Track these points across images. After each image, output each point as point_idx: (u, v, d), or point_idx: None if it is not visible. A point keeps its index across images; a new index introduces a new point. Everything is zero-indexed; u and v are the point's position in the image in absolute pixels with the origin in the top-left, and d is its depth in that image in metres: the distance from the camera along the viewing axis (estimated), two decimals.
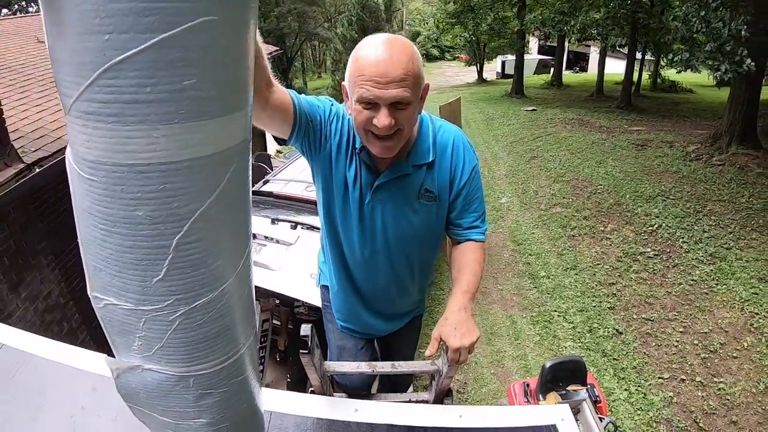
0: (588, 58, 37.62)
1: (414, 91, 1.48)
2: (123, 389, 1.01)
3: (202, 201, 0.80)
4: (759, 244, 7.53)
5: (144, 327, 0.88)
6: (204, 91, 0.73)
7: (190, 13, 0.67)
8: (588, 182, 10.45)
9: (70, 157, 0.79)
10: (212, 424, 1.06)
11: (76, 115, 0.71)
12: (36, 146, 4.17)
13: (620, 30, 17.84)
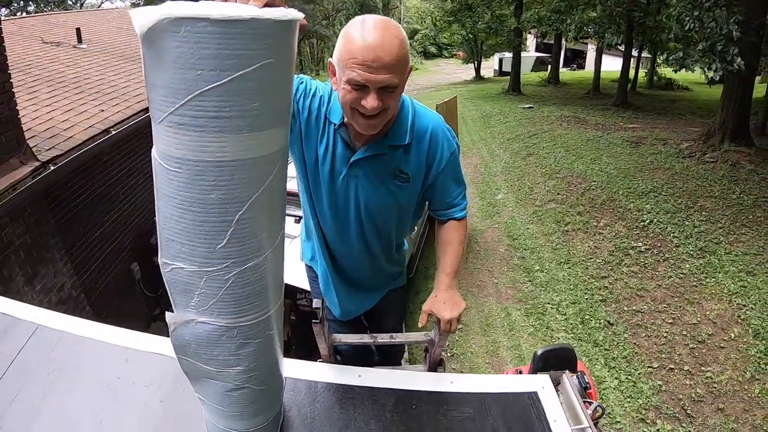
0: (585, 56, 37.77)
1: (401, 75, 1.54)
2: (177, 341, 1.25)
3: (257, 188, 1.08)
4: (748, 239, 7.71)
5: (204, 285, 1.13)
6: (262, 111, 1.00)
7: (256, 58, 0.94)
8: (582, 179, 10.62)
9: (156, 155, 1.04)
10: (247, 371, 1.29)
11: (167, 124, 0.97)
12: (49, 145, 4.37)
13: (616, 28, 17.93)
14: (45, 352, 1.82)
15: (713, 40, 9.32)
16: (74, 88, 6.08)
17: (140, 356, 1.79)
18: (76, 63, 7.28)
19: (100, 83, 6.64)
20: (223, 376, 1.28)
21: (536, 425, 1.76)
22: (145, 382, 1.70)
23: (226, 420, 1.41)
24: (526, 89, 24.23)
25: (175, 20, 0.87)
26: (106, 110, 5.59)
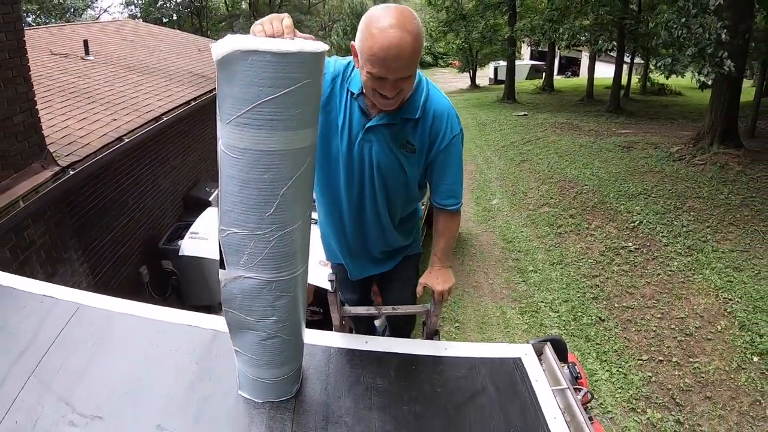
0: (580, 63, 38.04)
1: (415, 66, 1.72)
2: (226, 295, 1.55)
3: (297, 171, 1.42)
4: (735, 237, 7.99)
5: (252, 246, 1.46)
6: (301, 115, 1.37)
7: (299, 79, 1.31)
8: (575, 183, 10.91)
9: (222, 146, 1.38)
10: (279, 321, 1.60)
11: (234, 124, 1.33)
12: (67, 151, 4.65)
13: (608, 35, 18.33)
14: (87, 327, 2.08)
15: (703, 44, 9.59)
16: (86, 98, 6.35)
17: (174, 329, 2.06)
18: (86, 74, 7.55)
19: (110, 93, 6.91)
20: (260, 326, 1.59)
21: (520, 384, 2.01)
22: (179, 348, 1.97)
23: (257, 369, 1.69)
24: (521, 97, 24.56)
25: (245, 52, 1.25)
26: (118, 119, 5.87)
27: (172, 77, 8.89)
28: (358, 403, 1.84)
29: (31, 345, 1.99)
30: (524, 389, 1.99)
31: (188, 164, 8.62)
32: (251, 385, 1.75)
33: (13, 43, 4.11)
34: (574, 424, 1.87)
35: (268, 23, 1.39)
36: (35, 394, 1.78)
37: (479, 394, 1.94)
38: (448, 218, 2.19)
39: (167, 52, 11.46)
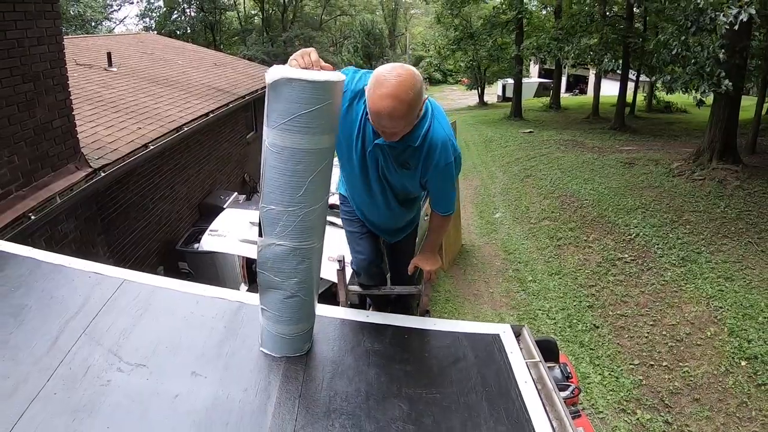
0: (587, 81, 38.19)
1: (408, 124, 2.08)
2: (261, 258, 2.01)
3: (321, 164, 1.91)
4: (729, 248, 8.31)
5: (285, 219, 1.93)
6: (325, 124, 1.86)
7: (325, 99, 1.80)
8: (575, 198, 11.23)
9: (268, 144, 1.87)
10: (300, 282, 2.02)
11: (279, 129, 1.82)
12: (97, 155, 5.06)
13: (613, 54, 18.58)
14: (132, 297, 2.46)
15: (701, 63, 9.88)
16: (112, 107, 6.77)
17: (207, 300, 2.46)
18: (110, 84, 7.98)
19: (134, 104, 7.33)
20: (284, 286, 2.02)
21: (496, 354, 2.36)
22: (212, 315, 2.36)
23: (279, 325, 2.08)
24: (528, 114, 24.85)
25: (290, 79, 1.77)
26: (143, 128, 6.29)
27: (190, 90, 9.31)
28: (358, 361, 2.21)
29: (81, 310, 2.38)
30: (500, 358, 2.34)
31: (204, 173, 9.04)
32: (272, 341, 2.13)
33: (54, 54, 4.51)
34: (545, 392, 2.21)
35: (300, 57, 1.88)
36: (87, 347, 2.14)
37: (461, 360, 2.29)
38: (440, 219, 2.55)
39: (185, 65, 11.92)
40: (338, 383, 2.09)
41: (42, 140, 4.36)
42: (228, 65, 13.74)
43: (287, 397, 1.97)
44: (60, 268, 2.75)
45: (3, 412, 1.81)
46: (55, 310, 2.40)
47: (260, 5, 38.89)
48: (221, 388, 1.97)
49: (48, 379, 1.96)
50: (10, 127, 4.00)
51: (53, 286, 2.62)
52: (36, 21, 4.24)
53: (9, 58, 3.98)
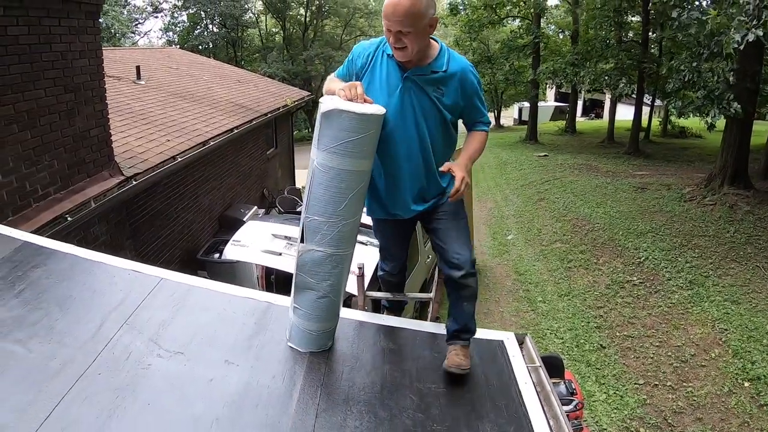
0: (603, 105, 38.21)
1: (412, 24, 2.18)
2: (300, 262, 2.28)
3: (360, 184, 2.20)
4: (736, 272, 8.44)
5: (325, 229, 2.19)
6: (366, 150, 2.19)
7: (368, 129, 2.14)
8: (587, 221, 11.38)
9: (316, 164, 2.14)
10: (332, 285, 2.28)
11: (328, 151, 2.12)
12: (129, 164, 5.36)
13: (628, 79, 18.78)
14: (168, 294, 2.71)
15: (710, 87, 10.02)
16: (141, 119, 7.08)
17: (239, 299, 2.73)
18: (139, 97, 8.30)
19: (162, 116, 7.65)
20: (318, 287, 2.27)
21: (499, 357, 2.58)
22: (243, 312, 2.63)
23: (308, 322, 2.34)
24: (543, 138, 24.95)
25: (341, 111, 2.06)
26: (171, 140, 6.60)
27: (215, 106, 9.65)
28: (374, 358, 2.46)
29: (122, 303, 2.63)
30: (503, 361, 2.56)
31: (225, 186, 9.35)
32: (299, 336, 2.39)
33: (94, 68, 4.82)
34: (543, 394, 2.41)
35: (348, 90, 2.18)
36: (128, 336, 2.39)
37: None
38: (478, 135, 2.60)
39: (210, 81, 12.29)
40: (356, 376, 2.32)
41: (80, 147, 4.64)
42: (250, 82, 14.12)
43: (310, 385, 2.20)
44: (100, 264, 3.03)
45: (52, 387, 2.04)
46: (97, 302, 2.67)
47: (281, 24, 39.46)
48: (251, 375, 2.21)
49: (93, 362, 2.20)
50: (52, 133, 4.26)
51: (94, 280, 2.92)
52: (79, 36, 4.51)
53: (53, 69, 4.25)
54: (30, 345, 2.29)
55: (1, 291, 2.67)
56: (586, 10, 21.61)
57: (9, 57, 3.76)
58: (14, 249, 3.13)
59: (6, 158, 3.77)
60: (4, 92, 3.72)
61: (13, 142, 3.83)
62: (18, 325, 2.42)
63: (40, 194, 4.16)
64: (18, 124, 3.88)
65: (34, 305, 2.58)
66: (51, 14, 4.13)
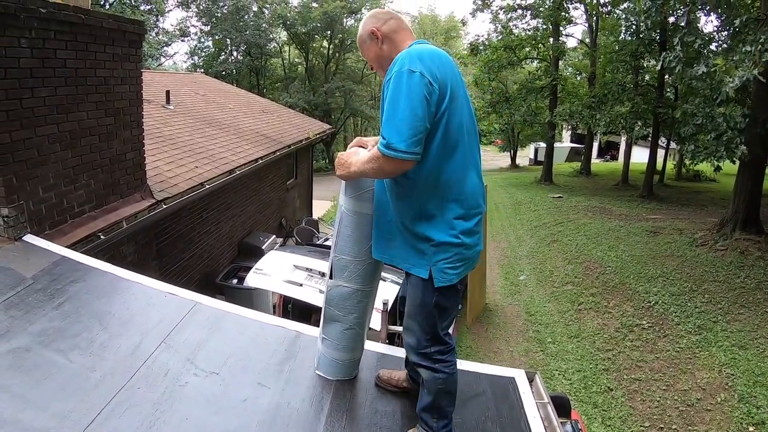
0: (619, 147, 38.34)
1: (363, 51, 2.30)
2: (329, 296, 2.43)
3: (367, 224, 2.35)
4: (745, 317, 8.51)
5: (352, 267, 2.38)
6: None
7: None
8: (598, 264, 11.46)
9: (345, 210, 2.34)
10: (358, 318, 2.45)
11: (353, 197, 2.31)
12: (159, 188, 5.58)
13: (644, 122, 18.99)
14: (203, 318, 2.93)
15: (721, 131, 10.15)
16: (171, 144, 7.35)
17: (270, 327, 2.97)
18: (168, 122, 8.57)
19: (191, 142, 7.92)
20: (344, 320, 2.45)
21: (511, 393, 2.74)
22: (274, 339, 2.86)
23: (336, 351, 2.53)
24: (558, 179, 25.11)
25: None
26: (200, 167, 6.86)
27: (241, 135, 9.95)
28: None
29: (160, 323, 2.86)
30: (514, 396, 2.73)
31: (246, 214, 9.60)
32: (327, 365, 2.58)
33: (134, 94, 5.03)
34: (551, 429, 2.56)
35: (370, 144, 2.28)
36: (166, 354, 2.59)
37: (481, 394, 2.70)
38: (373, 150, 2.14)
39: (235, 110, 12.64)
40: (378, 403, 2.52)
41: (116, 169, 4.83)
42: (274, 113, 14.48)
43: (337, 410, 2.40)
44: (137, 284, 3.28)
45: (93, 397, 2.25)
46: (136, 321, 2.89)
47: (305, 55, 40.26)
48: (282, 398, 2.41)
49: (132, 376, 2.42)
50: (91, 154, 4.46)
51: (132, 300, 3.15)
52: (122, 63, 4.72)
53: (96, 93, 4.44)
54: (71, 356, 2.50)
55: (42, 302, 2.89)
56: (603, 53, 21.97)
57: (57, 79, 3.94)
58: (53, 262, 3.38)
59: (47, 175, 3.94)
60: (50, 112, 3.90)
61: (55, 159, 4.00)
62: (59, 336, 2.63)
63: (76, 211, 4.33)
64: (61, 144, 4.05)
65: (74, 318, 2.80)
66: (98, 41, 4.33)
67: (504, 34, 24.25)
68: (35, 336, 2.59)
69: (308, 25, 36.33)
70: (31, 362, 2.40)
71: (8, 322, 2.65)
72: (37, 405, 2.15)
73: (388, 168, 2.00)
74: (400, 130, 1.92)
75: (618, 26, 21.17)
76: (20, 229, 3.67)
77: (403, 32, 2.24)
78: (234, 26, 34.39)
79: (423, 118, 1.93)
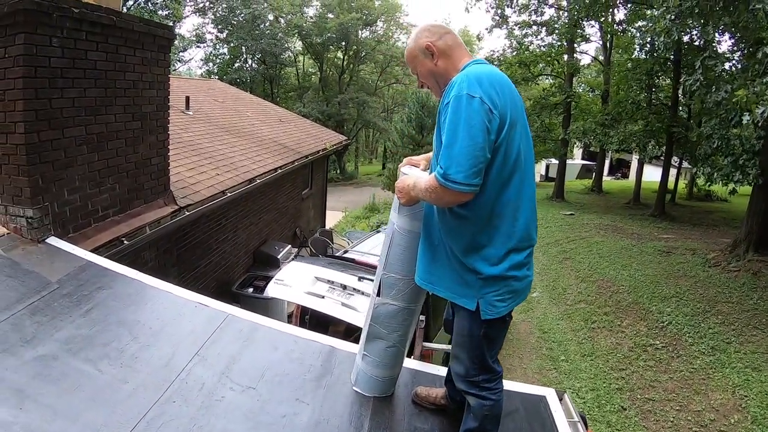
0: (630, 165, 38.30)
1: (414, 66, 2.23)
2: (375, 313, 2.44)
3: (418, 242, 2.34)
4: (758, 339, 8.45)
5: (401, 285, 2.39)
6: None
7: None
8: (612, 283, 11.39)
9: (397, 227, 2.36)
10: (401, 336, 2.46)
11: (407, 216, 2.32)
12: (181, 194, 5.59)
13: (656, 142, 18.95)
14: (236, 330, 2.95)
15: (737, 154, 10.12)
16: (191, 151, 7.34)
17: (304, 341, 2.98)
18: (188, 128, 8.55)
19: (211, 149, 7.95)
20: (389, 337, 2.46)
21: (543, 411, 2.76)
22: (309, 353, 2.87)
23: (376, 369, 2.54)
24: (570, 196, 24.87)
25: None
26: (221, 174, 6.89)
27: (261, 144, 10.01)
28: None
29: (192, 335, 2.86)
30: (546, 414, 2.75)
31: (262, 223, 9.64)
32: (366, 382, 2.60)
33: (161, 99, 5.00)
34: None
35: (424, 162, 2.32)
36: (200, 367, 2.59)
37: (513, 412, 2.70)
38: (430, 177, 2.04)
39: (253, 118, 12.71)
40: (417, 421, 2.53)
41: (141, 174, 4.81)
42: (291, 122, 14.57)
43: (377, 427, 2.41)
44: (167, 294, 3.26)
45: (127, 409, 2.23)
46: (167, 332, 2.87)
47: (319, 65, 40.52)
48: (321, 414, 2.41)
49: (166, 389, 2.40)
50: (117, 158, 4.42)
51: (162, 309, 3.12)
52: (151, 67, 4.70)
53: (125, 96, 4.40)
54: (101, 366, 2.46)
55: (68, 308, 2.84)
56: (618, 71, 21.95)
57: (87, 80, 3.90)
58: (79, 267, 3.34)
59: (74, 177, 3.90)
60: (78, 114, 3.87)
61: (81, 162, 3.96)
62: (88, 344, 2.59)
63: (100, 215, 4.28)
64: (88, 146, 4.01)
65: (103, 326, 2.76)
66: (128, 44, 4.31)
67: (519, 50, 24.26)
68: (62, 343, 2.55)
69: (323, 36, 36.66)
70: (59, 371, 2.36)
71: (34, 327, 2.61)
72: (67, 416, 2.11)
73: (447, 198, 1.94)
74: (459, 160, 1.85)
75: (632, 44, 21.14)
76: (44, 231, 3.65)
77: (459, 49, 2.16)
78: (250, 34, 34.66)
79: (483, 148, 1.86)
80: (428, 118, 22.50)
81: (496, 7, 23.59)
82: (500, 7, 23.49)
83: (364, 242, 7.99)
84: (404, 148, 22.36)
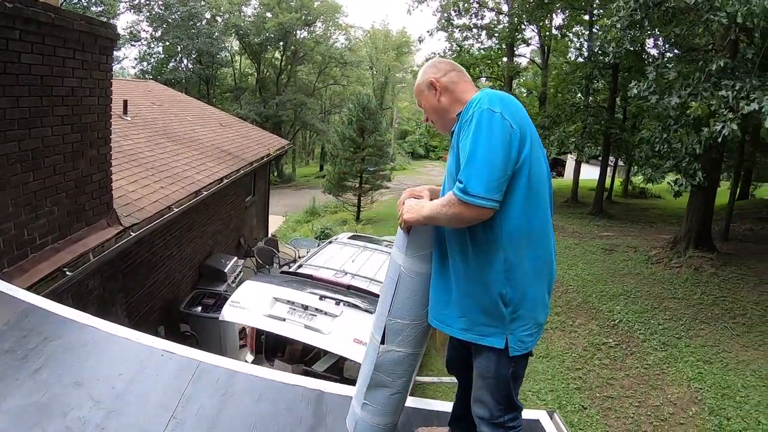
0: (564, 164, 39.37)
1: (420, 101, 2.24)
2: (379, 361, 2.28)
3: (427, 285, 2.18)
4: (706, 333, 8.78)
5: (407, 330, 2.22)
6: None
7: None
8: (560, 283, 11.51)
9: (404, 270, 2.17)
10: (405, 382, 2.30)
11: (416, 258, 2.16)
12: (125, 212, 5.11)
13: (594, 143, 19.43)
14: (212, 381, 2.65)
15: (679, 158, 10.43)
16: (132, 161, 6.79)
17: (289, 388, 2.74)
18: (127, 134, 7.95)
19: (153, 159, 7.42)
20: (393, 384, 2.29)
21: None
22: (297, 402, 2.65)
23: (378, 417, 2.36)
24: None
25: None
26: (165, 187, 6.44)
27: (203, 151, 9.54)
28: None
29: (164, 393, 2.49)
30: None
31: (207, 234, 9.18)
32: (367, 430, 2.41)
33: (102, 107, 4.49)
34: None
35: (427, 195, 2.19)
36: None
37: None
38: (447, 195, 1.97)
39: (193, 122, 12.15)
40: None
41: (81, 193, 4.31)
42: (232, 127, 14.02)
43: None
44: (126, 341, 2.82)
45: None
46: (134, 391, 2.45)
47: (256, 65, 39.85)
48: None
49: None
50: (55, 176, 3.93)
51: (123, 361, 2.68)
52: (91, 71, 4.19)
53: (63, 105, 3.90)
54: None
55: (14, 368, 2.37)
56: (556, 74, 22.40)
57: (19, 88, 3.42)
58: (19, 312, 2.82)
59: (6, 202, 3.40)
60: (11, 127, 3.37)
61: (15, 183, 3.47)
62: (43, 415, 2.15)
63: (37, 243, 3.78)
64: (22, 165, 3.53)
65: (58, 390, 2.32)
66: (67, 45, 3.82)
67: (460, 53, 24.48)
68: (12, 417, 2.10)
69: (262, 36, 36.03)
70: None
71: None
72: None
73: (466, 214, 1.84)
74: (480, 173, 1.80)
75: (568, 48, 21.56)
76: None
77: (464, 84, 2.15)
78: (186, 33, 33.76)
79: (504, 161, 1.81)
80: (369, 120, 22.30)
81: (443, 10, 23.81)
82: (446, 10, 23.70)
83: (317, 256, 7.69)
84: (345, 151, 22.07)
